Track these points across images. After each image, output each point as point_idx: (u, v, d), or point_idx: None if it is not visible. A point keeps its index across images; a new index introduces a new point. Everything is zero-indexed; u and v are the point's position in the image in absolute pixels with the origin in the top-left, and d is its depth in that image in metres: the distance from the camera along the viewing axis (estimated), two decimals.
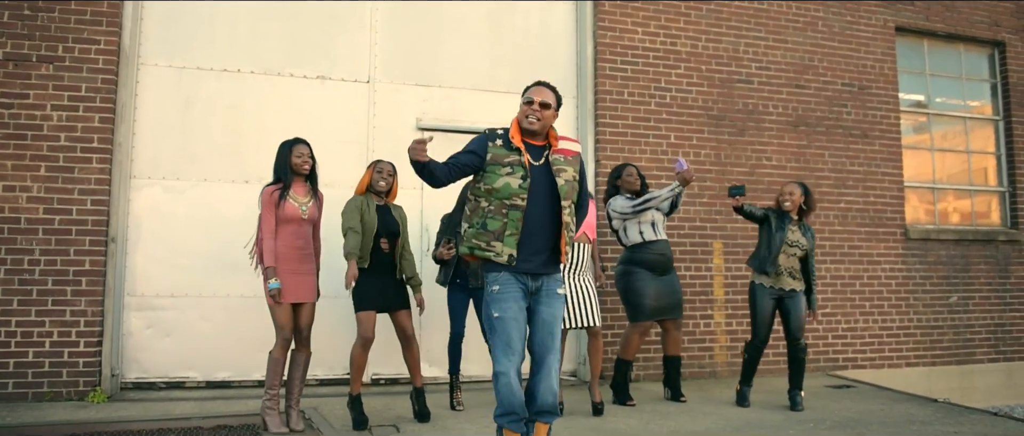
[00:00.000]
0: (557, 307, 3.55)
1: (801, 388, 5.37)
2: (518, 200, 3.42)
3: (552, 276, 3.55)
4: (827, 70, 7.48)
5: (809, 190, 5.50)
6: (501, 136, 3.54)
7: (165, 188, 5.76)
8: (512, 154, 3.47)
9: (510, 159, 3.46)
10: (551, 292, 3.54)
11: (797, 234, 5.37)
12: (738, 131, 7.06)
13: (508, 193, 3.42)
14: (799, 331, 5.33)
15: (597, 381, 5.21)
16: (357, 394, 4.62)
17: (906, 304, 7.51)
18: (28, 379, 5.16)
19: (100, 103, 5.45)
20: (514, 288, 3.45)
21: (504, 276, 3.46)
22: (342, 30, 6.23)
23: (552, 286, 3.54)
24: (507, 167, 3.45)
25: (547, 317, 3.51)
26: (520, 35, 6.68)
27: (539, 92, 3.56)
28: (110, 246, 5.44)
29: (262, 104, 5.97)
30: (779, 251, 5.32)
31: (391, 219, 4.75)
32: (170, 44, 5.85)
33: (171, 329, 5.66)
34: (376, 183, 4.72)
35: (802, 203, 5.41)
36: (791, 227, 5.37)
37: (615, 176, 5.60)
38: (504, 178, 3.43)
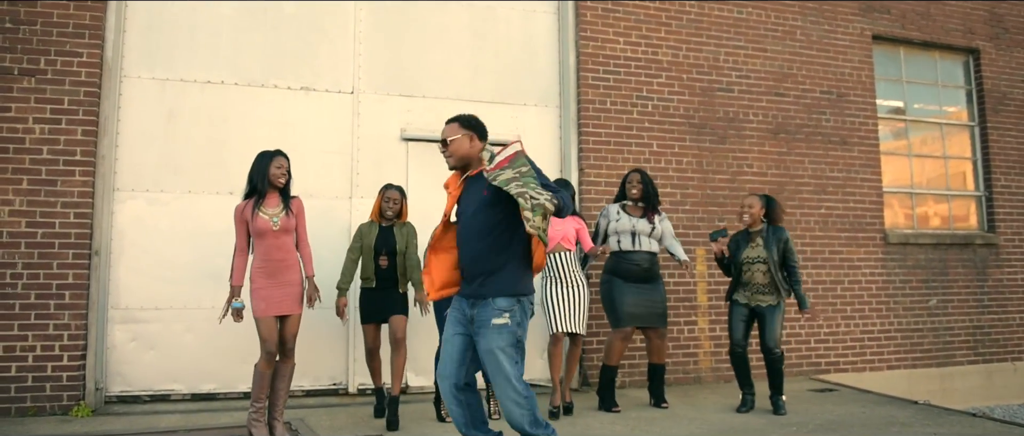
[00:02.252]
0: (491, 339, 3.31)
1: (782, 392, 5.43)
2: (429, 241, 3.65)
3: (488, 303, 3.33)
4: (806, 78, 7.59)
5: (772, 200, 5.62)
6: None
7: (149, 200, 5.74)
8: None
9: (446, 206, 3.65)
10: (484, 322, 3.33)
11: (757, 249, 5.45)
12: (719, 139, 7.14)
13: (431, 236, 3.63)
14: (772, 342, 5.40)
15: (569, 383, 5.48)
16: (378, 386, 5.22)
17: (886, 308, 7.61)
18: (11, 394, 5.12)
19: (83, 116, 5.44)
20: (455, 313, 3.51)
21: (454, 300, 3.56)
22: (325, 41, 6.25)
23: (486, 315, 3.33)
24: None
25: (482, 348, 3.35)
26: (503, 45, 6.73)
27: (445, 130, 3.60)
28: (93, 259, 5.42)
29: (246, 115, 5.98)
30: (740, 273, 5.49)
31: (391, 238, 5.11)
32: (153, 56, 5.85)
33: (155, 342, 5.64)
34: (384, 211, 5.15)
35: (765, 214, 5.53)
36: (751, 244, 5.48)
37: (624, 179, 5.77)
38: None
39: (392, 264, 5.09)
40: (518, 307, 3.36)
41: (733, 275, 5.57)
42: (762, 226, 5.52)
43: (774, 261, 5.39)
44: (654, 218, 5.64)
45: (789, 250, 5.48)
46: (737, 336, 5.49)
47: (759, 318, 5.45)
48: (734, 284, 5.56)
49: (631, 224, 5.53)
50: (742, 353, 5.51)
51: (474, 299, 3.40)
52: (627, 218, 5.56)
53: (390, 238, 5.12)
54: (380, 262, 5.07)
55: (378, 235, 5.11)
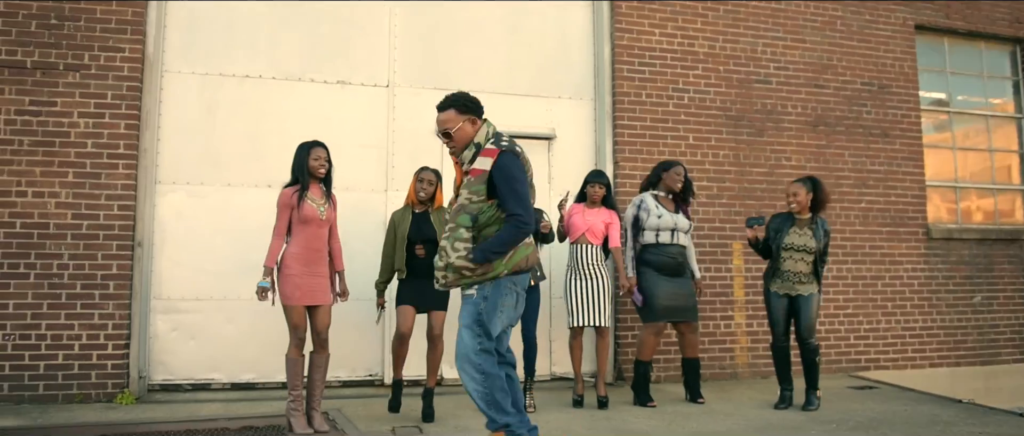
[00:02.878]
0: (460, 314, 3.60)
1: (817, 388, 5.35)
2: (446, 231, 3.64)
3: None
4: (846, 69, 7.44)
5: (818, 185, 5.47)
6: None
7: (189, 193, 5.84)
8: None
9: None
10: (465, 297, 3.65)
11: (803, 236, 5.34)
12: (757, 131, 7.04)
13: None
14: (808, 332, 5.32)
15: (603, 378, 5.43)
16: (399, 379, 4.98)
17: (929, 304, 7.45)
18: (58, 381, 5.26)
19: (125, 110, 5.55)
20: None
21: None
22: (361, 35, 6.29)
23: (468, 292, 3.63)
24: None
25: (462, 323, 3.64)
26: (537, 38, 6.71)
27: (442, 119, 3.58)
28: (136, 250, 5.53)
29: (283, 109, 6.04)
30: (778, 257, 5.36)
31: (427, 226, 4.92)
32: (193, 51, 5.94)
33: (196, 332, 5.74)
34: (417, 193, 4.98)
35: (812, 200, 5.39)
36: (793, 230, 5.37)
37: (662, 168, 5.63)
38: None
39: (430, 253, 4.83)
40: (489, 284, 3.46)
41: (771, 260, 5.46)
42: (809, 215, 5.42)
43: (820, 251, 5.31)
44: (689, 213, 5.60)
45: (828, 242, 5.41)
46: (779, 330, 5.41)
47: (793, 308, 5.37)
48: (771, 270, 5.45)
49: (673, 221, 5.47)
50: (785, 347, 5.43)
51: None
52: (668, 214, 5.49)
53: (426, 225, 4.92)
54: (417, 251, 4.87)
55: (412, 223, 4.93)
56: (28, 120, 5.40)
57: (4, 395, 5.18)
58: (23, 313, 5.25)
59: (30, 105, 5.41)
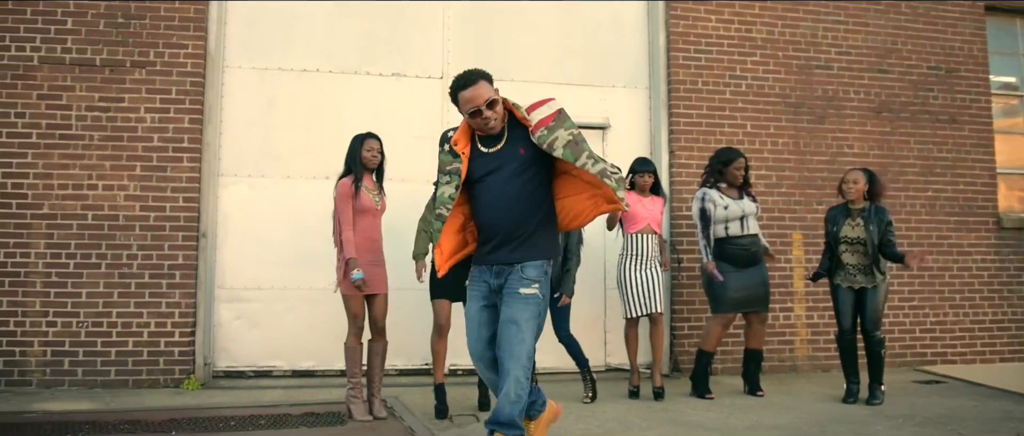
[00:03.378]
0: (517, 309, 3.16)
1: (881, 382, 5.21)
2: (444, 210, 3.27)
3: (517, 271, 3.21)
4: (912, 53, 7.18)
5: (874, 175, 5.33)
6: (448, 140, 3.38)
7: (250, 185, 5.98)
8: (455, 161, 3.30)
9: (451, 167, 3.30)
10: (512, 292, 3.19)
11: (856, 228, 5.20)
12: (817, 118, 6.86)
13: (440, 202, 3.28)
14: (873, 325, 5.18)
15: (659, 368, 5.35)
16: (440, 383, 4.73)
17: (999, 297, 7.17)
18: (128, 367, 5.46)
19: (189, 105, 5.71)
20: (478, 284, 3.34)
21: (474, 271, 3.38)
22: (415, 28, 6.33)
23: (515, 285, 3.20)
24: (447, 176, 3.30)
25: (504, 317, 3.19)
26: (591, 26, 6.66)
27: (477, 94, 3.23)
28: (201, 241, 5.69)
29: (340, 102, 6.13)
30: (837, 251, 5.26)
31: None
32: (253, 46, 6.07)
33: (258, 320, 5.89)
34: None
35: (867, 190, 5.26)
36: (848, 222, 5.23)
37: (722, 161, 5.47)
38: (442, 187, 3.30)
39: None
40: (544, 278, 3.27)
41: (831, 254, 5.33)
42: (865, 205, 5.27)
43: (874, 243, 5.15)
44: (753, 195, 5.51)
45: (890, 233, 5.20)
46: (846, 323, 5.27)
47: (861, 300, 5.23)
48: (832, 265, 5.33)
49: (740, 209, 5.36)
50: (852, 340, 5.29)
51: (501, 267, 3.26)
52: (735, 203, 5.38)
53: None
54: None
55: None
56: (98, 116, 5.60)
57: (78, 380, 5.40)
58: (95, 301, 5.46)
59: (100, 101, 5.61)
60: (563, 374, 5.91)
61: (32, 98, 5.54)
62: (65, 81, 5.58)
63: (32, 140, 5.51)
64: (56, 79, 5.57)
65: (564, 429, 4.32)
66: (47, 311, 5.41)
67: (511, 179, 3.23)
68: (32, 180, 5.49)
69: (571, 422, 4.51)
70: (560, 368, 5.95)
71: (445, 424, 4.44)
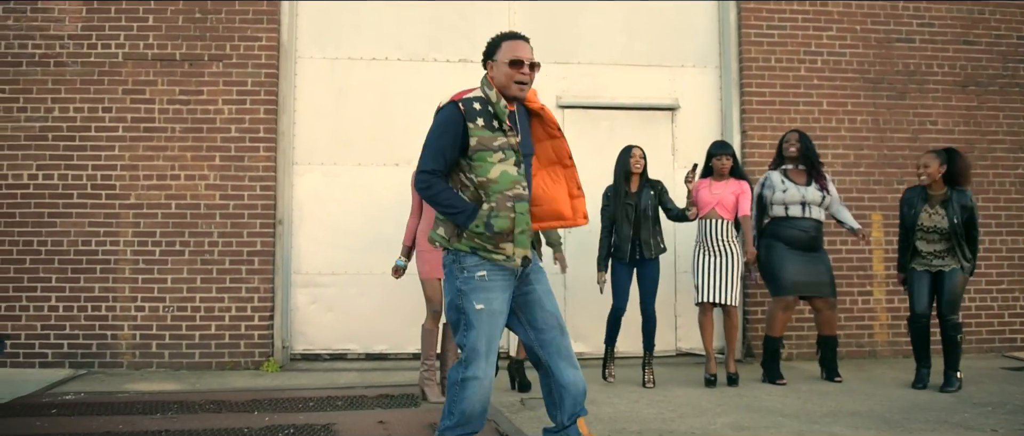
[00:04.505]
0: (546, 280, 3.06)
1: (957, 369, 4.97)
2: (522, 189, 2.89)
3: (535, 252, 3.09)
4: (1000, 22, 6.80)
5: (955, 156, 4.98)
6: (482, 112, 2.89)
7: (323, 173, 6.12)
8: (500, 135, 2.88)
9: (499, 142, 2.87)
10: (536, 267, 3.04)
11: (934, 216, 4.95)
12: (898, 94, 6.58)
13: (509, 183, 2.86)
14: (949, 308, 4.95)
15: (733, 355, 5.27)
16: (520, 359, 5.01)
17: None
18: (211, 350, 5.69)
19: (264, 95, 5.87)
20: (504, 276, 2.91)
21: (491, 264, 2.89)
22: (480, 12, 6.34)
23: (536, 261, 3.07)
24: (499, 152, 2.86)
25: (546, 291, 3.02)
26: (657, 6, 6.53)
27: (526, 50, 2.96)
28: (277, 228, 5.86)
29: (408, 89, 6.20)
30: (912, 237, 5.04)
31: None
32: (323, 37, 6.19)
33: (333, 304, 6.04)
34: None
35: (945, 173, 4.96)
36: (926, 208, 4.99)
37: (781, 140, 5.52)
38: (499, 166, 2.85)
39: None
40: None
41: (906, 241, 5.11)
42: (945, 190, 5.03)
43: (957, 231, 4.90)
44: (825, 185, 5.32)
45: (974, 218, 4.94)
46: (921, 306, 5.05)
47: (938, 282, 5.01)
48: (909, 252, 5.10)
49: (800, 194, 5.24)
50: (926, 324, 5.08)
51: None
52: (794, 188, 5.26)
53: None
54: None
55: None
56: (178, 108, 5.81)
57: (165, 362, 5.66)
58: (180, 287, 5.70)
59: (180, 95, 5.82)
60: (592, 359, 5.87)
61: (118, 93, 5.79)
62: (148, 76, 5.81)
63: (118, 133, 5.77)
64: (139, 74, 5.81)
65: (635, 413, 4.30)
66: (136, 297, 5.68)
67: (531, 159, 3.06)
68: (119, 172, 5.75)
69: (643, 406, 4.48)
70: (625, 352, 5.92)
71: (516, 407, 4.47)
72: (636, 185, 5.16)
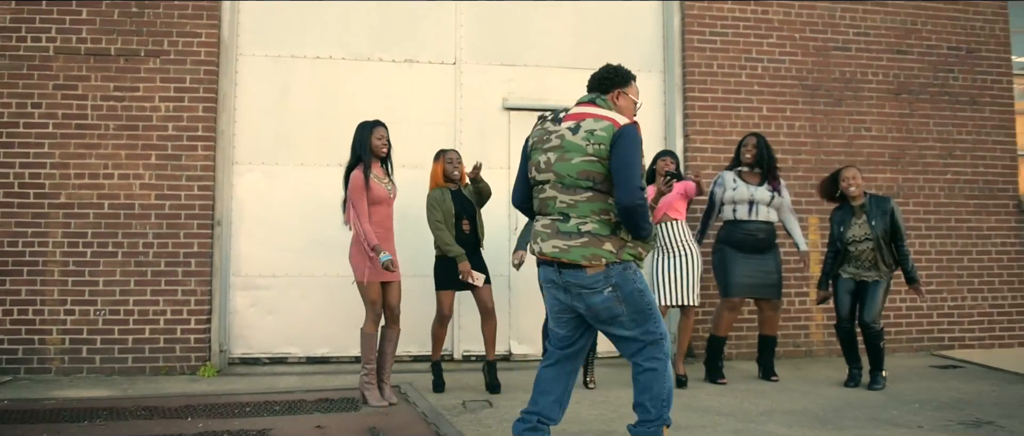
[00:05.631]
0: None
1: (882, 368, 5.20)
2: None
3: None
4: (931, 33, 7.06)
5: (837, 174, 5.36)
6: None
7: (265, 173, 6.01)
8: None
9: None
10: None
11: (863, 227, 5.16)
12: (835, 101, 6.77)
13: None
14: (870, 317, 5.15)
15: (682, 355, 5.33)
16: (437, 360, 5.10)
17: (1019, 280, 7.07)
18: (145, 354, 5.52)
19: (203, 93, 5.73)
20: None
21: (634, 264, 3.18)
22: (428, 13, 6.31)
23: None
24: None
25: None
26: (604, 10, 6.59)
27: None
28: (216, 229, 5.73)
29: (353, 89, 6.13)
30: (847, 250, 5.24)
31: (466, 201, 5.07)
32: (265, 34, 6.07)
33: (273, 307, 5.93)
34: (450, 173, 5.05)
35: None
36: (853, 221, 5.20)
37: (739, 143, 5.63)
38: None
39: (473, 227, 5.08)
40: None
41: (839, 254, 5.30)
42: (864, 199, 5.22)
43: (879, 237, 5.11)
44: (778, 187, 5.44)
45: (896, 223, 5.15)
46: (843, 311, 5.28)
47: (862, 291, 5.20)
48: (836, 263, 5.31)
49: (749, 193, 5.35)
50: (850, 329, 5.30)
51: None
52: (744, 186, 5.37)
53: (465, 201, 5.08)
54: (463, 226, 5.03)
55: (453, 199, 5.02)
56: (113, 105, 5.63)
57: (96, 367, 5.47)
58: (112, 289, 5.52)
59: (115, 91, 5.64)
60: None
61: (48, 88, 5.58)
62: (80, 71, 5.62)
63: (48, 130, 5.56)
64: (71, 69, 5.61)
65: (576, 414, 4.32)
66: (65, 300, 5.48)
67: None
68: (49, 170, 5.54)
69: (584, 407, 4.51)
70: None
71: (458, 410, 4.45)
72: None
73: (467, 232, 5.05)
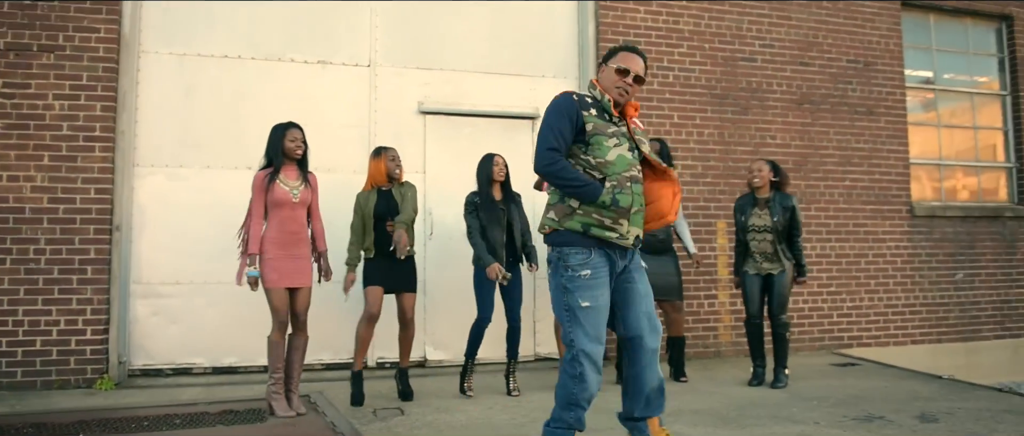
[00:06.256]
0: (647, 280, 3.26)
1: (785, 366, 5.42)
2: (636, 171, 3.12)
3: (638, 249, 3.26)
4: (832, 47, 7.41)
5: (778, 166, 5.55)
6: (594, 104, 3.15)
7: (169, 175, 5.77)
8: (613, 125, 3.15)
9: (613, 129, 3.13)
10: (638, 266, 3.25)
11: (763, 217, 5.38)
12: (742, 109, 7.01)
13: (626, 166, 3.09)
14: (778, 309, 5.39)
15: None
16: (359, 370, 4.74)
17: (912, 281, 7.48)
18: (36, 368, 5.21)
19: (101, 91, 5.46)
20: (605, 273, 3.12)
21: (595, 259, 3.09)
22: (342, 14, 6.20)
23: (639, 260, 3.27)
24: (614, 138, 3.11)
25: (644, 291, 3.21)
26: (520, 16, 6.63)
27: (635, 62, 3.20)
28: (115, 234, 5.47)
29: (264, 90, 5.96)
30: (746, 239, 5.45)
31: (393, 202, 4.85)
32: (170, 31, 5.84)
33: (177, 316, 5.70)
34: (393, 171, 4.91)
35: (772, 179, 5.47)
36: (755, 211, 5.44)
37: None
38: (615, 150, 3.09)
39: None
40: None
41: (740, 244, 5.51)
42: (770, 193, 5.44)
43: (778, 230, 5.34)
44: None
45: (796, 219, 5.40)
46: (753, 308, 5.47)
47: (768, 285, 5.42)
48: (742, 254, 5.52)
49: None
50: (759, 325, 5.49)
51: (631, 249, 3.20)
52: None
53: (392, 202, 4.84)
54: (388, 228, 4.78)
55: (379, 200, 4.83)
56: (2, 103, 5.30)
57: None
58: (0, 299, 5.19)
59: (4, 87, 5.31)
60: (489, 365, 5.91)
61: None
62: None
63: None
64: None
65: (489, 419, 4.32)
66: None
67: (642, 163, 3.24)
68: None
69: (496, 412, 4.51)
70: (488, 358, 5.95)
71: (368, 418, 4.38)
72: (499, 194, 5.15)
73: (391, 233, 4.77)
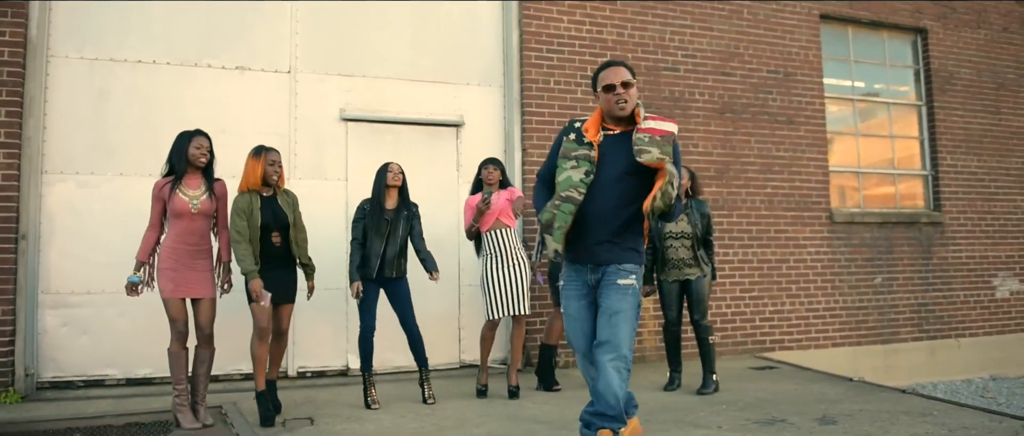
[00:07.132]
0: (615, 300, 3.28)
1: (714, 371, 5.44)
2: (575, 193, 3.27)
3: (615, 267, 3.31)
4: (753, 57, 7.59)
5: (695, 174, 5.66)
6: (576, 130, 3.38)
7: (79, 183, 5.63)
8: (582, 148, 3.31)
9: (578, 153, 3.31)
10: (610, 284, 3.30)
11: (681, 224, 5.44)
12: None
13: (567, 186, 3.29)
14: (698, 313, 5.43)
15: (516, 366, 5.35)
16: (262, 390, 4.51)
17: (832, 286, 7.70)
18: None
19: (6, 96, 5.30)
20: (576, 283, 3.43)
21: (568, 272, 3.46)
22: (261, 20, 6.14)
23: (611, 277, 3.31)
24: (573, 160, 3.31)
25: (603, 309, 3.31)
26: (445, 23, 6.65)
27: (615, 74, 3.34)
28: (20, 243, 5.31)
29: (179, 96, 5.86)
30: (664, 249, 5.46)
31: (280, 211, 4.56)
32: (81, 34, 5.70)
33: (88, 326, 5.56)
34: (270, 177, 4.55)
35: (689, 187, 5.55)
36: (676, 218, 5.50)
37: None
38: (567, 171, 3.31)
39: (285, 240, 4.55)
40: (639, 271, 3.39)
41: (655, 251, 5.54)
42: (686, 200, 5.53)
43: (697, 236, 5.41)
44: None
45: (710, 224, 5.50)
46: (672, 315, 5.51)
47: (686, 291, 5.48)
48: (658, 262, 5.53)
49: None
50: (677, 331, 5.55)
51: (600, 265, 3.34)
52: None
53: (278, 210, 4.54)
54: (273, 239, 4.50)
55: (263, 208, 4.47)
56: None
57: None
58: None
59: None
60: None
61: None
62: None
63: None
64: None
65: (398, 428, 4.31)
66: None
67: (620, 179, 3.29)
68: None
69: (408, 421, 4.50)
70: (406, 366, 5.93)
71: (277, 428, 4.33)
72: (394, 202, 5.06)
73: (277, 245, 4.52)
